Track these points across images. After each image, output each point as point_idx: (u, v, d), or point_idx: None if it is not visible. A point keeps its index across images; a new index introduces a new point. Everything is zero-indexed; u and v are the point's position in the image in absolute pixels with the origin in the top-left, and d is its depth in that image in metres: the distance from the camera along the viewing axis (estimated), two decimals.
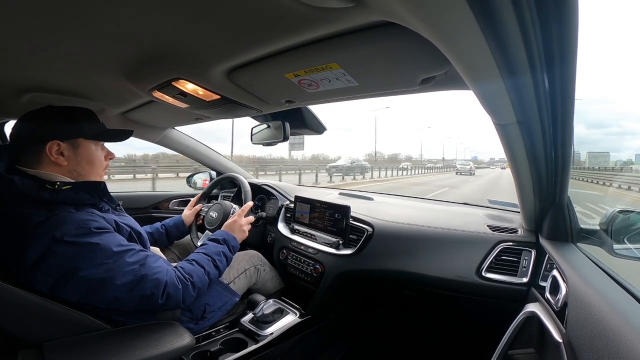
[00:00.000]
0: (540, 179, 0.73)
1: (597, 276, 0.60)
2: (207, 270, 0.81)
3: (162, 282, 0.69)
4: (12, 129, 0.72)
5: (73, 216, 0.65)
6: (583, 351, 0.45)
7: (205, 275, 0.81)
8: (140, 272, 0.67)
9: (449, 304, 1.25)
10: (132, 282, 0.66)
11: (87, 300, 0.64)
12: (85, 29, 0.52)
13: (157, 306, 0.70)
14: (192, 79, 0.72)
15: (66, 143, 0.71)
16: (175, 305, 0.74)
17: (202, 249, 0.90)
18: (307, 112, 1.19)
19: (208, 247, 0.90)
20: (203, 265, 0.82)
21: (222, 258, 0.89)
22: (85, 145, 0.74)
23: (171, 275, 0.73)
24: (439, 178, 20.06)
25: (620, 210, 0.74)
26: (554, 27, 0.36)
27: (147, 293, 0.67)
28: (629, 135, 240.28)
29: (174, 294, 0.71)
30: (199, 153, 1.67)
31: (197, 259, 0.83)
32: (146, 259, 0.70)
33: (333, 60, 0.58)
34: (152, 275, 0.69)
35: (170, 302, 0.72)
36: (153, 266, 0.70)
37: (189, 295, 0.75)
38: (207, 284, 0.81)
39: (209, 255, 0.86)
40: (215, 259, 0.86)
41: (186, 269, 0.78)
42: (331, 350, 1.26)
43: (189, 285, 0.75)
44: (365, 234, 1.12)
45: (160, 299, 0.69)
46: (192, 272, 0.78)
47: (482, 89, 0.52)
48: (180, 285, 0.73)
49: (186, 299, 0.75)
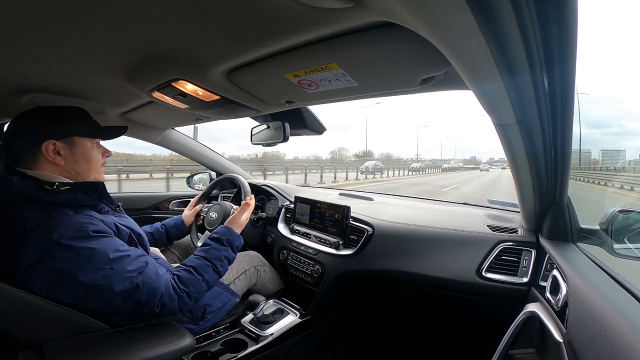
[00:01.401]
0: (540, 179, 0.73)
1: (598, 276, 0.60)
2: (205, 279, 0.79)
3: (158, 292, 0.69)
4: (6, 131, 0.72)
5: (71, 219, 0.65)
6: (583, 351, 0.45)
7: (204, 283, 0.79)
8: (138, 280, 0.67)
9: (449, 304, 1.25)
10: (129, 289, 0.65)
11: (83, 303, 0.64)
12: (85, 30, 0.52)
13: (153, 313, 0.70)
14: (192, 80, 0.72)
15: (62, 142, 0.71)
16: (171, 314, 0.74)
17: (203, 251, 0.85)
18: (306, 112, 1.19)
19: (209, 251, 0.85)
20: (202, 274, 0.79)
21: (223, 262, 0.85)
22: (81, 144, 0.74)
23: (168, 286, 0.72)
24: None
25: (620, 210, 0.74)
26: (554, 27, 0.36)
27: (144, 301, 0.67)
28: (629, 135, 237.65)
29: (169, 304, 0.71)
30: (199, 154, 1.67)
31: (196, 266, 0.80)
32: (145, 267, 0.70)
33: (333, 60, 0.58)
34: (150, 284, 0.68)
35: (166, 311, 0.71)
36: (151, 275, 0.69)
37: (184, 304, 0.74)
38: (205, 291, 0.80)
39: (210, 260, 0.83)
40: (216, 265, 0.83)
41: (183, 279, 0.76)
42: (331, 351, 1.26)
43: (184, 296, 0.74)
44: (365, 234, 1.12)
45: (156, 308, 0.69)
46: (189, 283, 0.76)
47: (481, 89, 0.52)
48: (177, 296, 0.73)
49: (182, 308, 0.74)
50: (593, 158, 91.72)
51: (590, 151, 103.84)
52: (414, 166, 31.04)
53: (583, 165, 26.87)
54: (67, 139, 0.72)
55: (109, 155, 0.83)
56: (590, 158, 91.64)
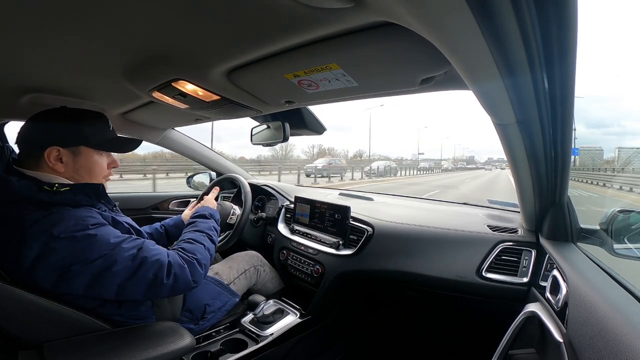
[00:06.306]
0: (540, 179, 0.73)
1: (598, 276, 0.60)
2: (206, 247, 0.81)
3: (164, 263, 0.68)
4: (20, 128, 0.71)
5: (70, 213, 0.65)
6: (584, 351, 0.45)
7: (206, 250, 0.80)
8: (140, 255, 0.66)
9: (449, 304, 1.25)
10: (132, 266, 0.65)
11: (93, 292, 0.64)
12: (85, 30, 0.52)
13: (166, 288, 0.68)
14: (192, 80, 0.72)
15: (67, 150, 0.70)
16: (185, 285, 0.71)
17: (192, 226, 0.88)
18: (306, 112, 1.19)
19: (198, 224, 0.89)
20: (202, 242, 0.81)
21: (214, 232, 0.89)
22: (86, 154, 0.73)
23: (174, 256, 0.71)
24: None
25: (620, 210, 0.74)
26: (554, 26, 0.36)
27: (150, 276, 0.66)
28: (629, 136, 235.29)
29: (180, 273, 0.70)
30: (199, 154, 1.67)
31: (193, 238, 0.82)
32: (144, 243, 0.69)
33: (333, 60, 0.58)
34: (152, 257, 0.67)
35: (179, 283, 0.69)
36: (152, 248, 0.69)
37: (197, 272, 0.73)
38: (210, 259, 0.80)
39: (203, 231, 0.86)
40: (210, 234, 0.86)
41: (187, 249, 0.77)
42: (332, 351, 1.25)
43: (194, 263, 0.73)
44: (366, 234, 1.12)
45: (166, 279, 0.67)
46: (195, 250, 0.77)
47: (481, 89, 0.52)
48: (186, 264, 0.72)
49: (196, 277, 0.73)
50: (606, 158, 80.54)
51: (602, 149, 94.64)
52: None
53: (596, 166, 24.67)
54: (72, 148, 0.71)
55: (116, 166, 0.81)
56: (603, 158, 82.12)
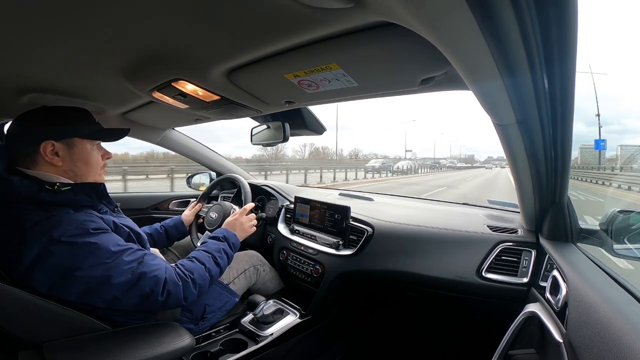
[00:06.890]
0: (540, 179, 0.73)
1: (598, 276, 0.60)
2: (207, 267, 0.81)
3: (161, 280, 0.69)
4: (7, 130, 0.72)
5: (71, 217, 0.65)
6: (583, 351, 0.45)
7: (206, 272, 0.80)
8: (139, 270, 0.67)
9: (449, 305, 1.25)
10: (131, 280, 0.65)
11: (86, 299, 0.64)
12: (85, 30, 0.52)
13: (158, 304, 0.69)
14: (192, 80, 0.72)
15: (61, 143, 0.70)
16: (176, 303, 0.73)
17: (202, 246, 0.89)
18: (306, 112, 1.19)
19: (208, 245, 0.89)
20: (203, 262, 0.81)
21: (222, 255, 0.88)
22: (80, 145, 0.74)
23: (170, 273, 0.72)
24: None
25: (620, 210, 0.74)
26: (554, 26, 0.36)
27: (147, 291, 0.67)
28: (630, 134, 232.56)
29: (174, 291, 0.71)
30: (199, 154, 1.67)
31: (197, 256, 0.82)
32: (144, 257, 0.70)
33: (333, 60, 0.58)
34: (151, 273, 0.68)
35: (171, 300, 0.71)
36: (151, 264, 0.70)
37: (190, 292, 0.74)
38: (209, 281, 0.81)
39: (209, 252, 0.86)
40: (216, 256, 0.85)
41: (186, 266, 0.78)
42: (331, 351, 1.25)
43: (189, 282, 0.74)
44: (365, 234, 1.12)
45: (160, 296, 0.68)
46: (193, 269, 0.77)
47: (481, 89, 0.52)
48: (180, 282, 0.72)
49: (188, 296, 0.74)
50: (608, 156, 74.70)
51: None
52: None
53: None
54: (66, 140, 0.71)
55: (109, 157, 0.82)
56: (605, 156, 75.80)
